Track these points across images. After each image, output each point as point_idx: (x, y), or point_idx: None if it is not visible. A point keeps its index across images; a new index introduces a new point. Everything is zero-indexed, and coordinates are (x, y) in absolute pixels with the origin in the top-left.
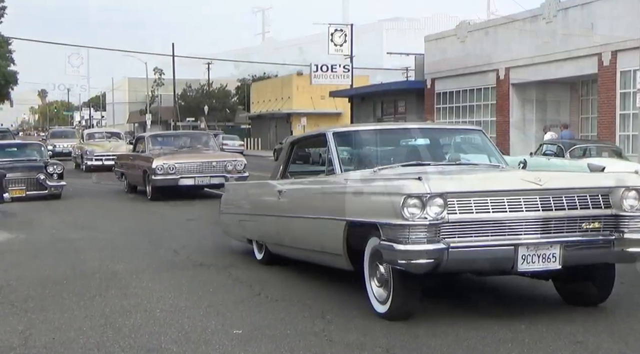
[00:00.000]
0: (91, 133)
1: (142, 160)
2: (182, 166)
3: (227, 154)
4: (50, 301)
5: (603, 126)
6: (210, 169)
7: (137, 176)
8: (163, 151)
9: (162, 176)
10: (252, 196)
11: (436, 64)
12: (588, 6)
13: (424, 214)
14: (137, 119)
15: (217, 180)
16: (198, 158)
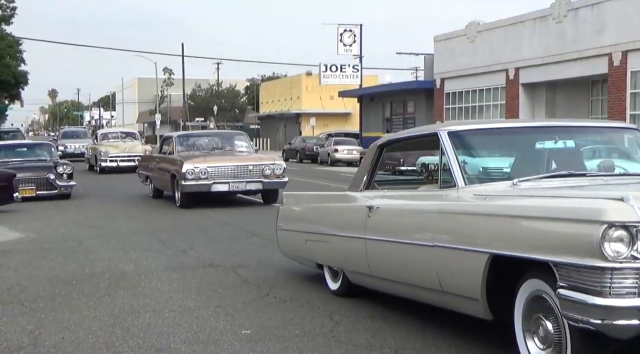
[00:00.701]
0: (105, 133)
1: (169, 163)
2: (215, 170)
3: (265, 156)
4: (59, 300)
5: None
6: (246, 173)
7: (164, 181)
8: (193, 153)
9: (192, 181)
10: (326, 211)
11: (445, 64)
12: (598, 6)
13: (633, 252)
14: (147, 119)
15: (253, 186)
16: (232, 161)
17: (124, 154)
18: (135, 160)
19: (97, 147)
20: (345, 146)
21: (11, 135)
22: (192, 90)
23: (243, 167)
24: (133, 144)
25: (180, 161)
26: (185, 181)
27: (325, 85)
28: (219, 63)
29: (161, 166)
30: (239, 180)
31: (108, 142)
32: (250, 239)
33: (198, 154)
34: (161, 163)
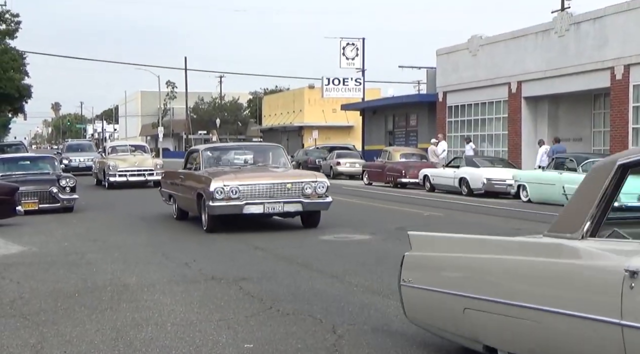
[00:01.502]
0: (114, 146)
1: (195, 180)
2: (248, 188)
3: (305, 172)
4: (62, 314)
5: (616, 139)
6: (284, 192)
7: (189, 200)
8: (223, 168)
9: (222, 201)
10: (518, 268)
11: (448, 77)
12: (600, 20)
13: None
14: (150, 132)
15: (292, 207)
16: (268, 178)
17: (133, 168)
18: (145, 174)
19: (106, 161)
20: (348, 159)
21: (14, 148)
22: (195, 103)
23: (280, 185)
24: (143, 158)
25: (207, 178)
26: (213, 202)
27: (328, 99)
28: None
29: (186, 184)
30: (276, 200)
31: (117, 156)
32: (253, 252)
33: (228, 170)
34: (186, 180)
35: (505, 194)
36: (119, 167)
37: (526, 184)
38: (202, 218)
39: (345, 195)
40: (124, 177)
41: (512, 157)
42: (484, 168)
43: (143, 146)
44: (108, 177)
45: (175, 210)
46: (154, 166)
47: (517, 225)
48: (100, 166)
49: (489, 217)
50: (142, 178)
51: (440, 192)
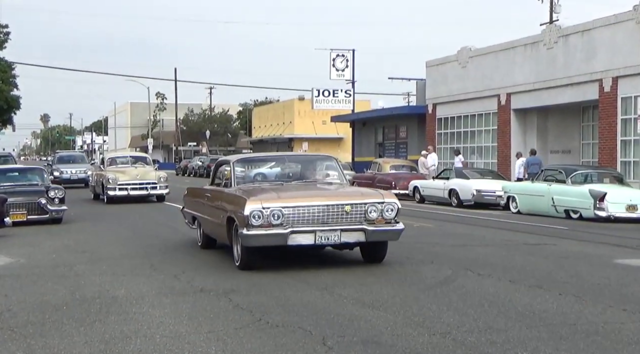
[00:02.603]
0: (113, 158)
1: (225, 201)
2: (295, 211)
3: (368, 191)
4: (50, 326)
5: (604, 151)
6: (342, 217)
7: (217, 226)
8: (260, 185)
9: (260, 228)
10: None
11: (437, 89)
12: (589, 33)
13: None
14: (139, 144)
15: (352, 236)
16: (320, 198)
17: (135, 181)
18: (148, 188)
19: (104, 174)
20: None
21: (3, 160)
22: (185, 114)
23: (337, 207)
24: (145, 170)
25: (240, 198)
26: (249, 229)
27: (318, 110)
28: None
29: (213, 204)
30: (331, 227)
31: (116, 168)
32: None
33: (268, 187)
34: (213, 200)
35: (494, 206)
36: (119, 180)
37: (515, 196)
38: (234, 250)
39: None
40: (124, 191)
41: (502, 169)
42: (473, 180)
43: (145, 157)
44: (107, 191)
45: (200, 236)
46: (157, 178)
47: (506, 236)
48: (98, 178)
49: (478, 228)
50: (145, 192)
51: (430, 203)
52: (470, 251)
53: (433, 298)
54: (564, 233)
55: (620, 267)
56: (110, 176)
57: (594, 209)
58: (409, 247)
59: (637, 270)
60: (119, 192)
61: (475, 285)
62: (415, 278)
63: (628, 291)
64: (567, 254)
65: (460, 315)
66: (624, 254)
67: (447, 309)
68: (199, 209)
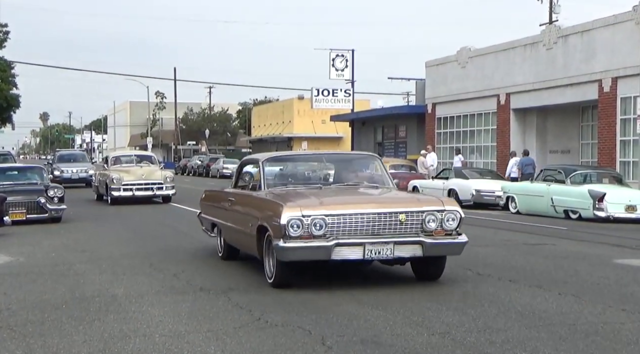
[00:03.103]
0: (117, 157)
1: (255, 206)
2: (341, 220)
3: (425, 197)
4: (49, 325)
5: (603, 152)
6: (395, 227)
7: (244, 235)
8: (295, 188)
9: (300, 240)
10: None
11: (437, 89)
12: (588, 33)
13: None
14: (138, 142)
15: (407, 250)
16: (370, 204)
17: (140, 181)
18: (154, 188)
19: (108, 173)
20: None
21: (2, 158)
22: (184, 113)
23: (389, 216)
24: (150, 170)
25: (275, 204)
26: (286, 241)
27: (317, 110)
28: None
29: (239, 210)
30: (382, 239)
31: (121, 167)
32: (242, 263)
33: (304, 190)
34: (239, 205)
35: (494, 206)
36: (123, 180)
37: (515, 196)
38: (266, 264)
39: None
40: (129, 192)
41: (501, 169)
42: (472, 180)
43: (150, 156)
44: (111, 192)
45: (220, 246)
46: (163, 178)
47: (506, 236)
48: (102, 178)
49: (478, 228)
50: (150, 192)
51: None
52: (470, 251)
53: (432, 298)
54: (563, 233)
55: (620, 267)
56: (114, 175)
57: (593, 209)
58: None
59: (636, 270)
60: (124, 193)
61: (474, 285)
62: (415, 278)
63: (627, 291)
64: (567, 254)
65: (460, 315)
66: (623, 255)
67: (446, 309)
68: (220, 215)
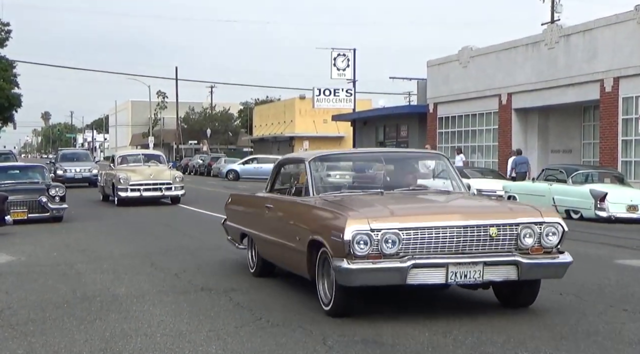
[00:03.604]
0: (124, 156)
1: (304, 216)
2: (418, 235)
3: (518, 206)
4: (50, 324)
5: (605, 151)
6: (484, 243)
7: (287, 250)
8: (351, 194)
9: (367, 261)
10: None
11: (438, 89)
12: (590, 33)
13: None
14: (140, 142)
15: (498, 273)
16: (452, 215)
17: (148, 181)
18: (162, 189)
19: (114, 173)
20: (338, 171)
21: (4, 157)
22: (186, 113)
23: (477, 229)
24: (159, 169)
25: (336, 214)
26: (352, 261)
27: (319, 109)
28: (213, 86)
29: (281, 219)
30: (470, 259)
31: (128, 167)
32: (243, 263)
33: (365, 196)
34: (280, 213)
35: None
36: (130, 180)
37: (516, 195)
38: (320, 288)
39: None
40: (136, 192)
41: (503, 169)
42: (474, 179)
43: (158, 155)
44: (118, 192)
45: (252, 259)
46: (172, 178)
47: None
48: (108, 178)
49: None
50: (159, 193)
51: None
52: None
53: (434, 297)
54: None
55: (621, 267)
56: (121, 175)
57: (594, 209)
58: None
59: (637, 270)
60: (131, 193)
61: None
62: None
63: (628, 291)
64: None
65: (461, 314)
66: (624, 255)
67: (447, 309)
68: (253, 224)
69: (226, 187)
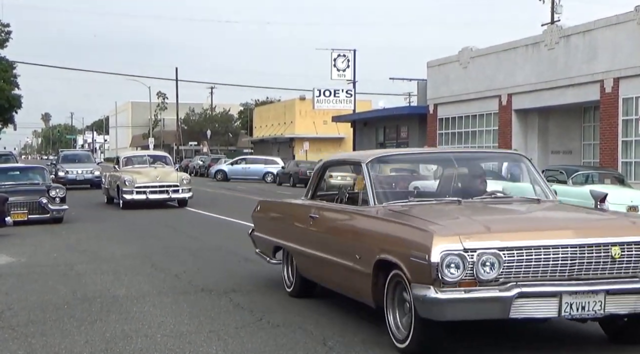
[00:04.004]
0: (129, 157)
1: (368, 230)
2: (523, 257)
3: None
4: (51, 325)
5: (605, 152)
6: (604, 266)
7: (345, 272)
8: (421, 203)
9: (460, 290)
10: None
11: (439, 90)
12: (590, 33)
13: None
14: (140, 143)
15: (622, 304)
16: (561, 231)
17: (154, 183)
18: (169, 191)
19: (119, 175)
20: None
21: (4, 158)
22: (186, 114)
23: (596, 249)
24: (165, 171)
25: (416, 229)
26: (440, 290)
27: (319, 110)
28: (213, 87)
29: (332, 231)
30: (587, 287)
31: (133, 169)
32: (244, 264)
33: (442, 207)
34: (331, 224)
35: None
36: (136, 182)
37: None
38: (390, 319)
39: None
40: (142, 195)
41: None
42: None
43: (164, 156)
44: (123, 195)
45: (289, 277)
46: (179, 180)
47: None
48: (112, 180)
49: None
50: (165, 196)
51: None
52: None
53: None
54: None
55: None
56: (126, 177)
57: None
58: None
59: None
60: (137, 196)
61: None
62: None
63: None
64: None
65: None
66: None
67: None
68: (292, 237)
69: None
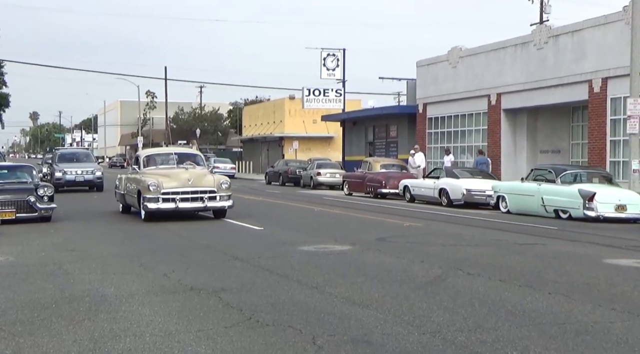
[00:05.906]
0: (150, 155)
1: None
2: None
3: None
4: (38, 324)
5: (594, 151)
6: None
7: None
8: None
9: None
10: None
11: (428, 89)
12: (579, 33)
13: None
14: (129, 142)
15: None
16: None
17: (186, 188)
18: (204, 199)
19: (141, 178)
20: (328, 169)
21: None
22: (175, 113)
23: None
24: (198, 173)
25: None
26: None
27: (308, 110)
28: (202, 86)
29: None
30: None
31: (157, 170)
32: (233, 262)
33: None
34: None
35: (484, 205)
36: (163, 188)
37: (505, 195)
38: None
39: (326, 205)
40: (170, 203)
41: (492, 169)
42: (463, 179)
43: (195, 154)
44: (145, 203)
45: None
46: (217, 185)
47: (496, 235)
48: (131, 184)
49: (468, 228)
50: (199, 204)
51: (420, 202)
52: (460, 250)
53: (423, 297)
54: (553, 233)
55: (609, 267)
56: (150, 181)
57: (583, 209)
58: (398, 246)
59: (625, 270)
60: (164, 205)
61: (465, 284)
62: (406, 277)
63: (617, 290)
64: (557, 254)
65: (451, 314)
66: (612, 254)
67: (437, 308)
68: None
69: None
